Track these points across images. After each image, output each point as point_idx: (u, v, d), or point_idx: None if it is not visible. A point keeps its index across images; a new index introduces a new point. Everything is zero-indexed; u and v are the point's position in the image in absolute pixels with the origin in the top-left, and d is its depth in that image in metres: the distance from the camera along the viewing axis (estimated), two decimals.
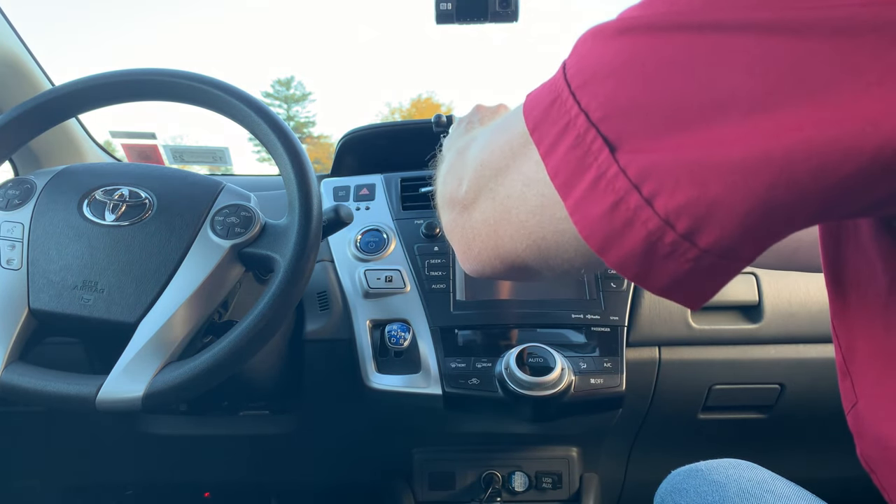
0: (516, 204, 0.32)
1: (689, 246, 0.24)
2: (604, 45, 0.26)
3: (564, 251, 0.31)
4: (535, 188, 0.30)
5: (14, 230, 0.64)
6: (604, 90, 0.25)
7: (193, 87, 0.65)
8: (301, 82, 21.39)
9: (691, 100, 0.23)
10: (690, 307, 0.28)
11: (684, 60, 0.23)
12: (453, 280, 0.81)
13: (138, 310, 0.59)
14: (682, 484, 0.61)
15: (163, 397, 0.56)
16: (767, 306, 0.81)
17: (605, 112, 0.25)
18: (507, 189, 0.33)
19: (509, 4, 0.72)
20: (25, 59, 0.93)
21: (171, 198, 0.65)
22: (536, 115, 0.29)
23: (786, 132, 0.21)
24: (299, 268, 0.58)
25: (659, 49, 0.24)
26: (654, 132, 0.24)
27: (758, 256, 0.25)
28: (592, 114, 0.26)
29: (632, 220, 0.25)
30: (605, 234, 0.26)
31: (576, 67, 0.27)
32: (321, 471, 1.13)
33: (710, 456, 0.67)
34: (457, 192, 0.38)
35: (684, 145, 0.23)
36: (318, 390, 0.89)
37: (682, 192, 0.23)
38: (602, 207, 0.26)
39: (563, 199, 0.28)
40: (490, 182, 0.34)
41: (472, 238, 0.37)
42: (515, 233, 0.33)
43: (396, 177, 0.95)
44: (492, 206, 0.34)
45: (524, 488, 0.92)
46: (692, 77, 0.23)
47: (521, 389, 0.70)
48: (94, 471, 1.14)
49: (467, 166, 0.38)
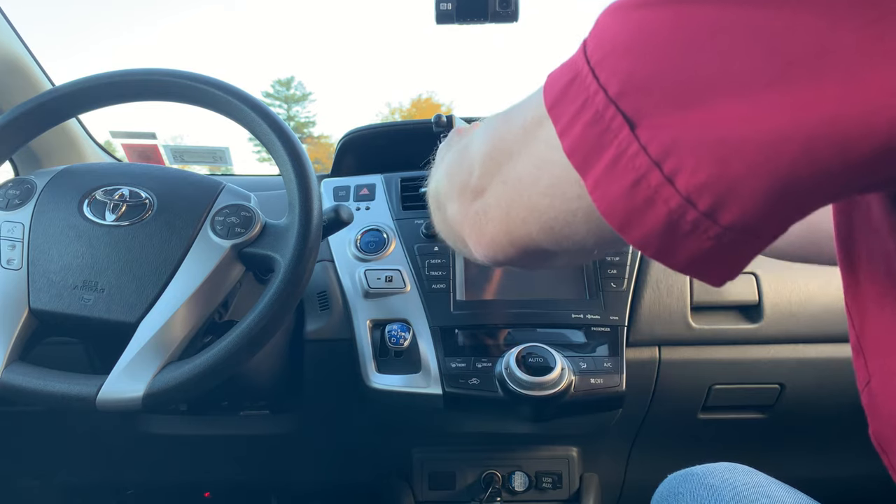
0: (529, 185, 0.32)
1: (711, 224, 0.24)
2: (623, 19, 0.26)
3: (577, 231, 0.30)
4: (549, 169, 0.30)
5: (14, 230, 0.64)
6: (623, 65, 0.25)
7: (193, 87, 0.66)
8: (301, 82, 21.41)
9: (713, 74, 0.22)
10: (713, 284, 0.28)
11: (706, 33, 0.22)
12: (453, 280, 0.81)
13: (139, 310, 0.59)
14: (678, 488, 0.61)
15: (163, 397, 0.56)
16: (767, 306, 0.81)
17: (623, 87, 0.25)
18: (519, 171, 0.32)
19: (509, 4, 0.72)
20: (25, 59, 0.93)
21: (171, 198, 0.65)
22: (554, 94, 0.29)
23: (808, 108, 0.20)
24: (299, 268, 0.58)
25: (680, 22, 0.23)
26: (675, 107, 0.23)
27: (780, 234, 0.25)
28: (611, 90, 0.25)
29: (653, 198, 0.25)
30: (625, 213, 0.26)
31: (595, 43, 0.27)
32: (321, 471, 1.13)
33: (711, 456, 0.67)
34: (468, 180, 0.38)
35: (706, 121, 0.23)
36: (318, 390, 0.89)
37: (704, 170, 0.23)
38: (622, 186, 0.25)
39: (581, 178, 0.27)
40: (503, 166, 0.34)
41: (484, 224, 0.36)
42: (528, 215, 0.32)
43: (396, 177, 0.95)
44: (504, 190, 0.34)
45: (524, 488, 0.92)
46: (713, 50, 0.22)
47: (520, 389, 0.70)
48: (94, 471, 1.14)
49: (476, 156, 0.37)
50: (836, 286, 0.82)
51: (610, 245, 0.31)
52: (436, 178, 0.47)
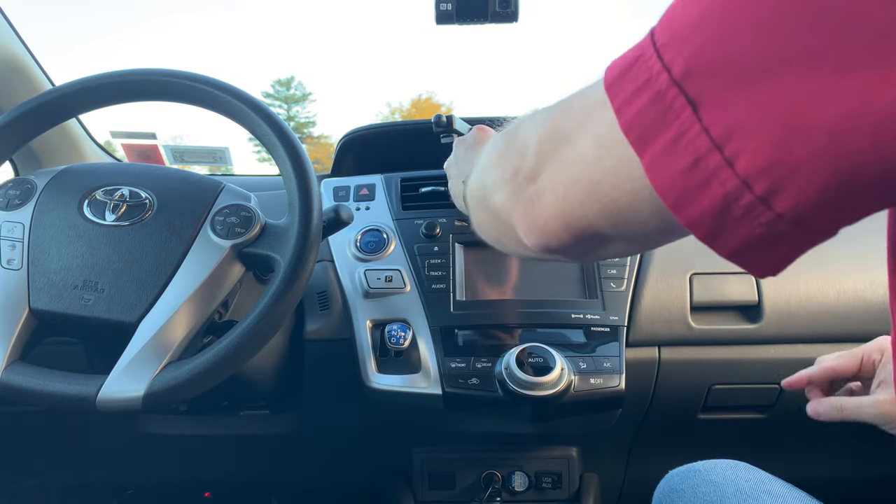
0: (588, 166, 0.31)
1: (765, 209, 0.24)
2: (693, 2, 0.26)
3: (639, 212, 0.30)
4: (609, 147, 0.29)
5: (14, 230, 0.64)
6: (689, 46, 0.25)
7: (193, 87, 0.66)
8: (301, 82, 21.40)
9: (781, 55, 0.22)
10: (757, 275, 0.28)
11: (775, 13, 0.22)
12: (453, 280, 0.81)
13: (139, 310, 0.60)
14: (680, 484, 0.61)
15: (163, 397, 0.56)
16: (767, 306, 0.81)
17: (689, 68, 0.25)
18: (577, 152, 0.32)
19: (509, 5, 0.72)
20: (25, 59, 0.93)
21: (171, 198, 0.65)
22: (615, 74, 0.28)
23: (878, 93, 0.20)
24: (299, 268, 0.58)
25: (749, 1, 0.23)
26: (740, 89, 0.23)
27: (830, 235, 0.25)
28: (675, 70, 0.25)
29: (710, 179, 0.24)
30: (681, 192, 0.26)
31: (662, 25, 0.27)
32: (321, 470, 1.13)
33: (710, 456, 0.68)
34: (519, 165, 0.37)
35: (771, 103, 0.22)
36: (318, 390, 0.89)
37: (765, 153, 0.23)
38: (681, 165, 0.25)
39: (638, 156, 0.27)
40: (560, 148, 0.33)
41: (538, 209, 0.35)
42: (586, 197, 0.32)
43: (396, 177, 0.95)
44: (560, 172, 0.33)
45: (524, 488, 0.92)
46: (782, 30, 0.22)
47: (520, 389, 0.70)
48: (94, 471, 1.14)
49: (530, 140, 0.36)
50: (835, 287, 0.82)
51: (670, 231, 0.30)
52: (477, 172, 0.46)
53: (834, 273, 0.83)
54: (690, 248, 0.84)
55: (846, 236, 0.85)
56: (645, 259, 0.83)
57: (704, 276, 0.82)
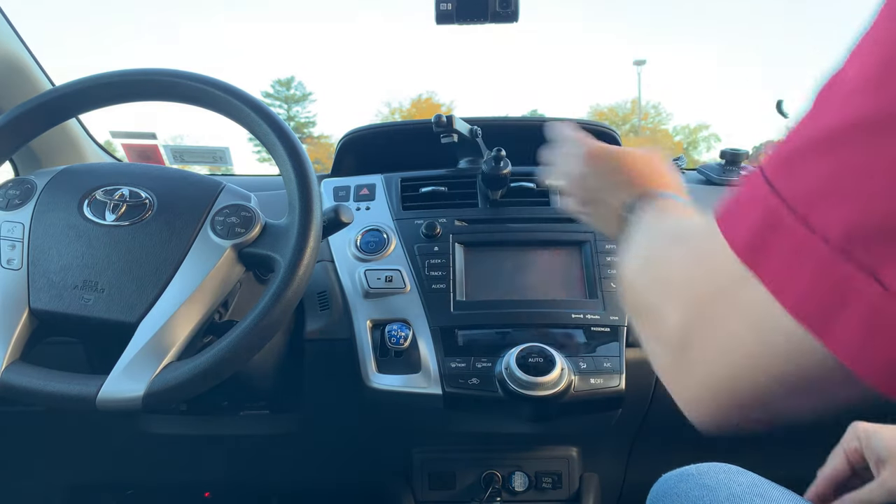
0: (749, 343, 0.27)
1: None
2: (820, 162, 0.24)
3: (823, 381, 0.26)
4: (772, 329, 0.26)
5: (14, 230, 0.64)
6: (841, 213, 0.22)
7: (194, 87, 0.66)
8: (301, 82, 21.39)
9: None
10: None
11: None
12: (453, 280, 0.81)
13: (139, 310, 0.60)
14: (674, 489, 0.61)
15: (163, 397, 0.56)
16: None
17: (851, 235, 0.22)
18: (729, 336, 0.28)
19: (509, 5, 0.72)
20: (25, 59, 0.93)
21: (171, 198, 0.65)
22: (748, 242, 0.26)
23: None
24: (299, 268, 0.58)
25: (891, 157, 0.21)
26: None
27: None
28: (835, 239, 0.23)
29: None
30: (887, 367, 0.23)
31: (793, 188, 0.25)
32: (321, 470, 1.13)
33: (710, 456, 0.67)
34: (661, 327, 0.34)
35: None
36: (318, 390, 0.89)
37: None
38: (881, 342, 0.22)
39: (819, 338, 0.24)
40: (703, 319, 0.30)
41: (694, 386, 0.32)
42: (745, 373, 0.28)
43: (396, 177, 0.95)
44: (714, 349, 0.30)
45: (524, 488, 0.92)
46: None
47: (520, 389, 0.70)
48: (94, 471, 1.14)
49: (662, 311, 0.34)
50: None
51: (867, 397, 0.26)
52: (630, 265, 0.43)
53: None
54: None
55: None
56: None
57: None
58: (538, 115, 6.04)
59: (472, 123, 0.94)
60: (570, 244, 0.85)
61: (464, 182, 0.93)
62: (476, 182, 0.92)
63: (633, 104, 22.87)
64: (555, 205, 0.88)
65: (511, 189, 0.90)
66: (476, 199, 0.90)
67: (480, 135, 0.94)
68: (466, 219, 0.87)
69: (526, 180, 0.91)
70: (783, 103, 1.10)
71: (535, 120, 1.19)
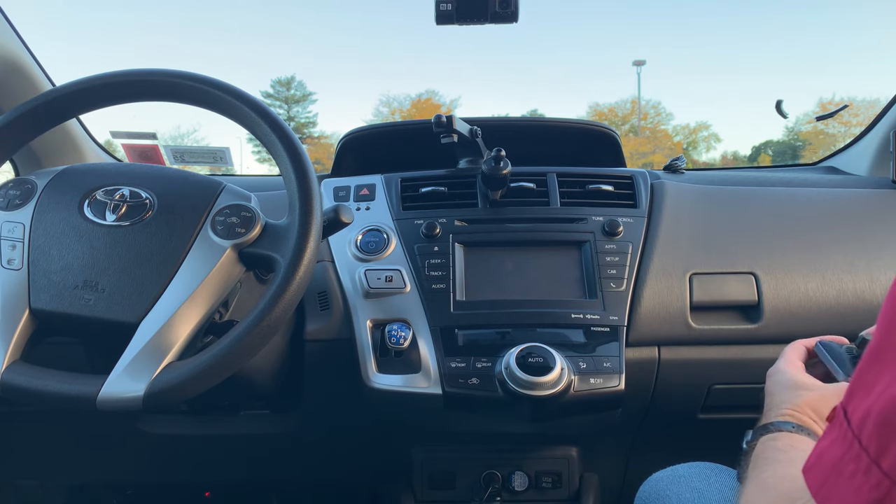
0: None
1: None
2: None
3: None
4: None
5: (15, 230, 0.64)
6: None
7: (194, 87, 0.66)
8: (301, 82, 21.36)
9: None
10: None
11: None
12: (453, 280, 0.81)
13: (139, 310, 0.60)
14: (665, 490, 0.61)
15: (163, 397, 0.56)
16: (767, 306, 0.81)
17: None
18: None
19: (509, 5, 0.72)
20: (26, 59, 0.93)
21: (171, 198, 0.66)
22: None
23: None
24: (300, 268, 0.58)
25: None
26: None
27: None
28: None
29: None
30: None
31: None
32: (321, 470, 1.13)
33: (710, 456, 0.67)
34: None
35: None
36: (318, 390, 0.89)
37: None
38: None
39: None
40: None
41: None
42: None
43: (396, 177, 0.95)
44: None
45: (524, 488, 0.92)
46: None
47: (520, 389, 0.70)
48: (94, 471, 1.14)
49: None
50: (835, 287, 0.82)
51: None
52: None
53: (834, 273, 0.83)
54: (690, 247, 0.84)
55: (846, 236, 0.86)
56: (644, 259, 0.83)
57: (704, 276, 0.82)
58: (538, 115, 6.04)
59: (471, 123, 0.94)
60: (570, 244, 0.85)
61: (464, 182, 0.93)
62: (476, 182, 0.92)
63: (633, 104, 22.86)
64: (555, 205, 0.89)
65: (511, 189, 0.90)
66: (476, 199, 0.90)
67: (480, 135, 0.94)
68: (466, 219, 0.87)
69: (526, 180, 0.91)
70: (783, 103, 1.11)
71: (535, 120, 1.19)
